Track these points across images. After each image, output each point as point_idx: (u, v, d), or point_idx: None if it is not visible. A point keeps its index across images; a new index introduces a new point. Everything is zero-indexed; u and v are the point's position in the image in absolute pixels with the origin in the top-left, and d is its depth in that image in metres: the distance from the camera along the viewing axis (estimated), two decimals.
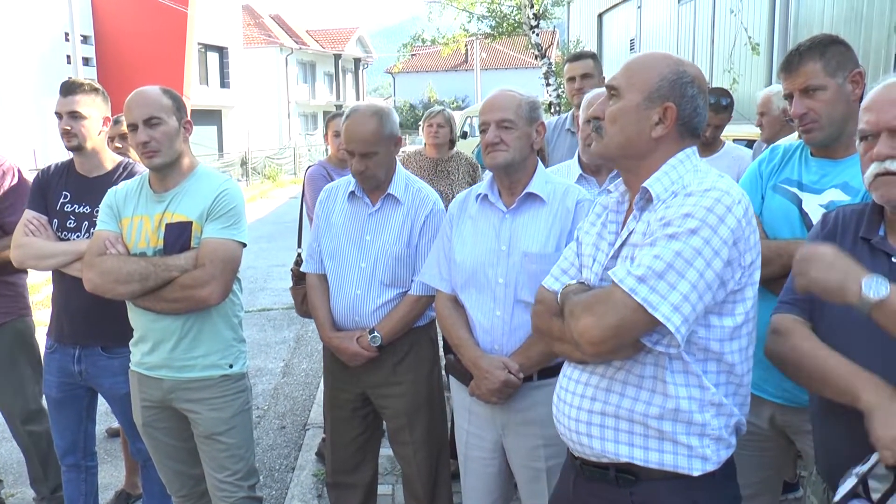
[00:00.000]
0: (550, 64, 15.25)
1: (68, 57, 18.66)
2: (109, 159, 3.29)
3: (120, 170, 3.26)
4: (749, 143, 5.38)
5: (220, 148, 30.35)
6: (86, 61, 20.57)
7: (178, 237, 2.77)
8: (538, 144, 2.63)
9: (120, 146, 4.18)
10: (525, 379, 2.54)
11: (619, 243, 1.87)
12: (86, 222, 3.14)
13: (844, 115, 2.32)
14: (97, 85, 3.28)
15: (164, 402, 2.90)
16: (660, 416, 1.78)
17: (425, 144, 5.18)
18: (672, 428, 1.78)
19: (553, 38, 32.67)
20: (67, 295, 3.16)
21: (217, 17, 28.64)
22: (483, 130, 2.59)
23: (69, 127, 3.13)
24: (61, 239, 3.15)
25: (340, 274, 3.01)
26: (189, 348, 2.83)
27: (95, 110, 3.19)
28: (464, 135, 15.91)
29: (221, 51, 31.09)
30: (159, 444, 3.00)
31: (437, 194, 3.12)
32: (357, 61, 50.59)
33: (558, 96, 14.78)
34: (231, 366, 2.91)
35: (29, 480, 3.83)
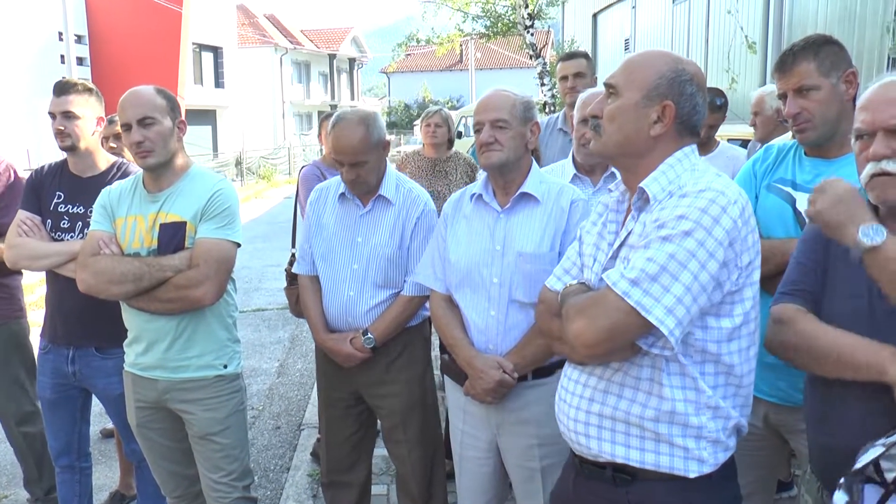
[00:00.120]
0: (545, 64, 15.23)
1: (62, 56, 18.60)
2: (103, 159, 3.28)
3: (114, 170, 3.25)
4: (744, 143, 5.39)
5: (215, 148, 30.30)
6: (80, 61, 20.49)
7: (172, 237, 2.77)
8: (532, 144, 2.63)
9: (114, 146, 4.17)
10: (520, 379, 2.54)
11: (618, 244, 1.87)
12: (79, 223, 3.13)
13: (838, 115, 2.32)
14: (91, 85, 3.27)
15: (159, 403, 2.90)
16: (655, 419, 1.78)
17: (423, 144, 5.17)
18: (668, 430, 1.77)
19: (548, 38, 32.70)
20: (61, 295, 3.16)
21: (211, 17, 28.57)
22: (477, 130, 2.59)
23: (63, 127, 3.12)
24: (55, 239, 3.14)
25: (333, 276, 3.01)
26: (183, 349, 2.82)
27: (89, 110, 3.18)
28: (458, 135, 15.91)
29: (216, 50, 31.04)
30: (154, 445, 2.99)
31: (429, 195, 3.12)
32: (352, 61, 50.55)
33: (553, 96, 14.77)
34: (225, 366, 2.90)
35: (23, 482, 3.81)
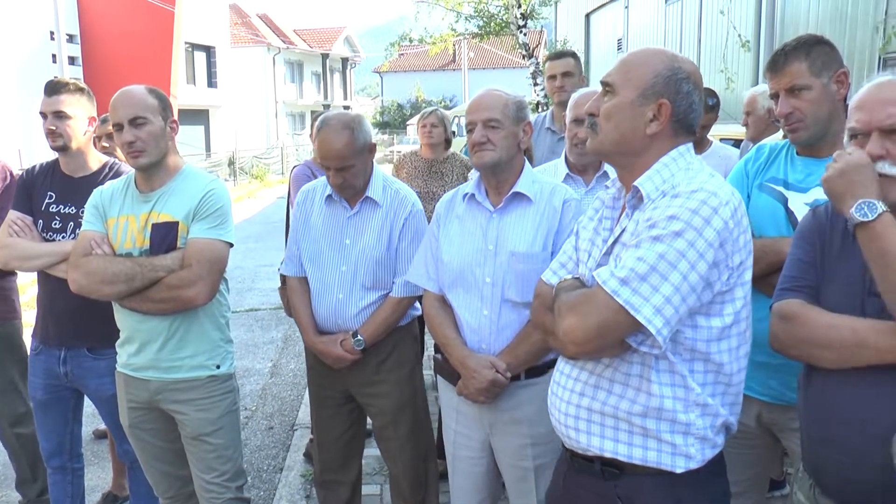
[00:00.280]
0: (538, 64, 15.26)
1: (54, 56, 18.49)
2: (95, 159, 3.27)
3: (106, 170, 3.24)
4: (737, 143, 5.40)
5: (208, 148, 30.22)
6: (71, 60, 20.42)
7: (165, 237, 2.76)
8: (525, 144, 2.63)
9: (107, 146, 4.16)
10: (512, 378, 2.54)
11: (612, 240, 1.88)
12: (71, 223, 3.12)
13: (829, 115, 2.33)
14: (82, 84, 3.26)
15: (151, 404, 2.89)
16: (643, 414, 1.79)
17: (420, 145, 5.16)
18: (656, 426, 1.79)
19: (541, 38, 32.70)
20: (53, 296, 3.14)
21: (204, 17, 28.50)
22: (470, 130, 2.59)
23: (54, 127, 3.11)
24: (46, 240, 3.13)
25: (322, 278, 3.01)
26: (176, 349, 2.82)
27: (80, 110, 3.16)
28: (451, 134, 15.85)
29: (208, 50, 30.95)
30: (146, 446, 2.98)
31: (425, 196, 3.12)
32: (345, 61, 50.48)
33: (546, 96, 14.78)
34: (218, 366, 2.90)
35: (15, 483, 3.80)
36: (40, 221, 3.15)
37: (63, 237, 3.12)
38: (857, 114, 1.84)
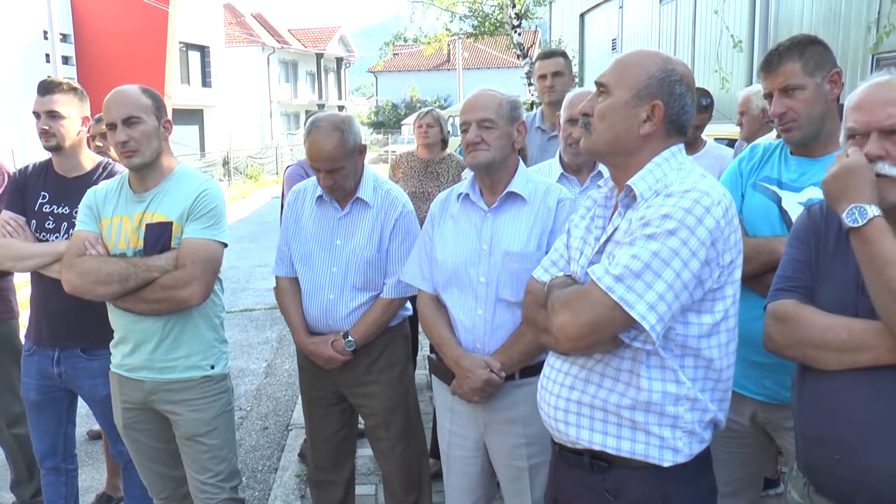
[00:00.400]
0: (532, 64, 15.27)
1: (47, 55, 18.45)
2: (88, 159, 3.26)
3: (99, 170, 3.23)
4: (731, 143, 5.41)
5: (202, 147, 30.16)
6: (65, 60, 20.35)
7: (159, 237, 2.75)
8: (519, 144, 2.64)
9: (101, 145, 4.15)
10: (507, 378, 2.54)
11: (604, 239, 1.90)
12: (65, 223, 3.11)
13: (823, 115, 2.34)
14: (76, 84, 3.25)
15: (145, 404, 2.88)
16: (632, 407, 1.81)
17: (417, 145, 5.16)
18: (644, 419, 1.81)
19: (535, 38, 32.71)
20: (46, 296, 3.13)
21: (198, 16, 28.43)
22: (464, 130, 2.59)
23: (47, 127, 3.10)
24: (40, 240, 3.12)
25: (313, 279, 3.01)
26: (170, 349, 2.81)
27: (74, 110, 3.16)
28: (447, 134, 15.86)
29: (203, 50, 30.89)
30: (140, 446, 2.98)
31: (420, 196, 3.11)
32: (339, 60, 50.46)
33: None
34: (213, 367, 2.89)
35: (9, 484, 3.78)
36: (34, 221, 3.14)
37: (57, 237, 3.11)
38: (856, 114, 1.84)
